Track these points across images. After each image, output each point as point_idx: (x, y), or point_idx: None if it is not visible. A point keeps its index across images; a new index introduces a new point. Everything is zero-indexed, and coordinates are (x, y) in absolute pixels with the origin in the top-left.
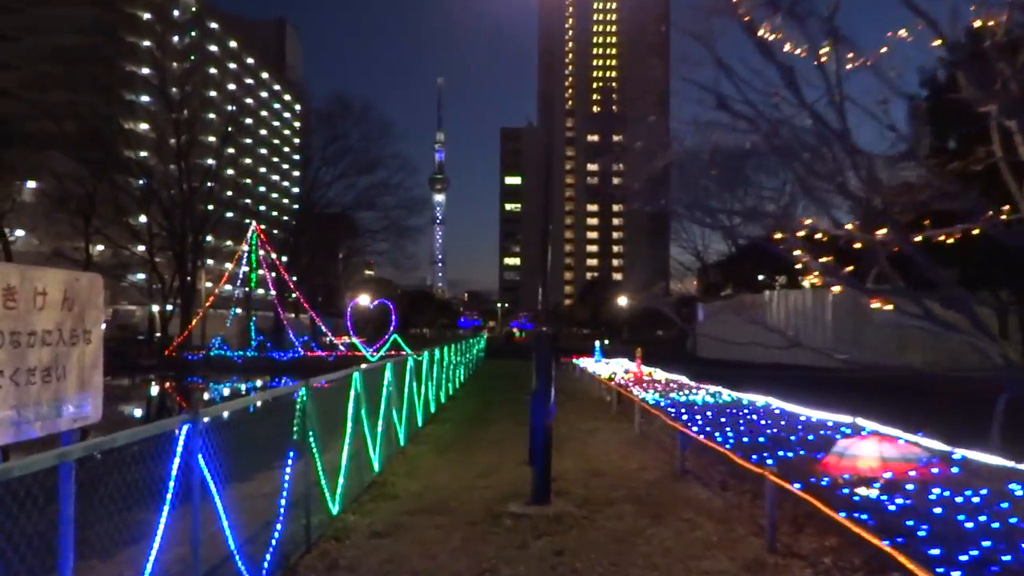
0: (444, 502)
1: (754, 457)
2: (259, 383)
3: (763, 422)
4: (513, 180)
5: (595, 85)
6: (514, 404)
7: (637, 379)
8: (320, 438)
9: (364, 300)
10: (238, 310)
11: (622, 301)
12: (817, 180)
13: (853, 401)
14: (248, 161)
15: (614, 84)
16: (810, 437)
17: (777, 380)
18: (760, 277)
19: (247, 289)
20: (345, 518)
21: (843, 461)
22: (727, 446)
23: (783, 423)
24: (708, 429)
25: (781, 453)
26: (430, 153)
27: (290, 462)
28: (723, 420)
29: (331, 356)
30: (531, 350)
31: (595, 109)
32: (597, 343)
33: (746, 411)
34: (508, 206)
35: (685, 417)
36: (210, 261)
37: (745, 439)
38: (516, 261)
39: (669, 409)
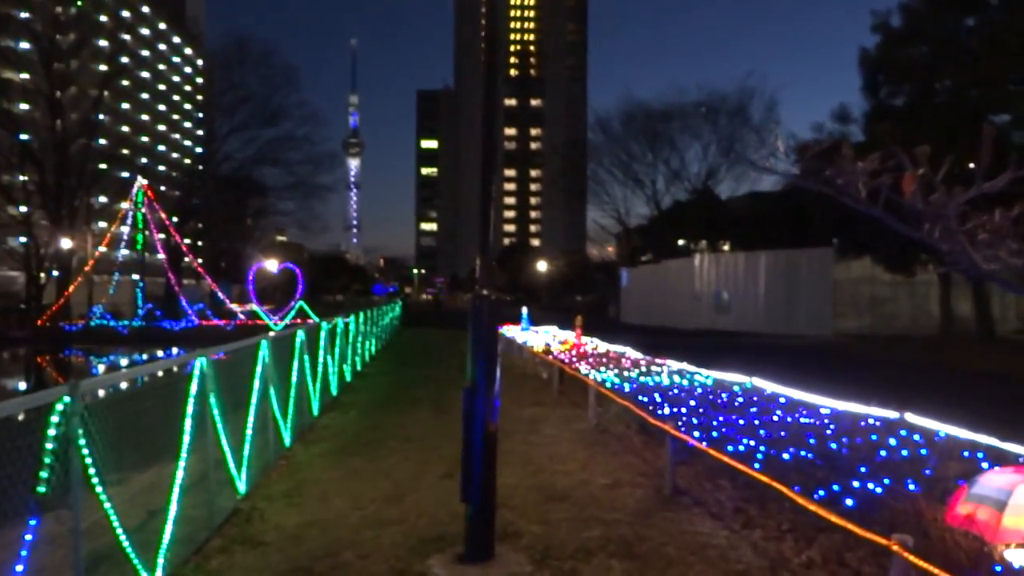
0: (333, 555)
1: (784, 484)
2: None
3: (774, 416)
4: (429, 144)
5: (512, 48)
6: (434, 384)
7: (580, 352)
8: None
9: (272, 266)
10: (119, 275)
11: (541, 266)
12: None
13: (794, 369)
14: (145, 117)
15: (532, 48)
16: (881, 453)
17: (709, 348)
18: (681, 242)
19: (135, 253)
20: None
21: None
22: (755, 465)
23: (798, 417)
24: (703, 427)
25: (851, 484)
26: (344, 117)
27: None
28: (717, 413)
29: (230, 325)
30: (451, 317)
31: (512, 72)
32: (525, 310)
33: (740, 399)
34: (424, 170)
35: (666, 410)
36: (102, 224)
37: (761, 446)
38: (433, 227)
39: (640, 398)
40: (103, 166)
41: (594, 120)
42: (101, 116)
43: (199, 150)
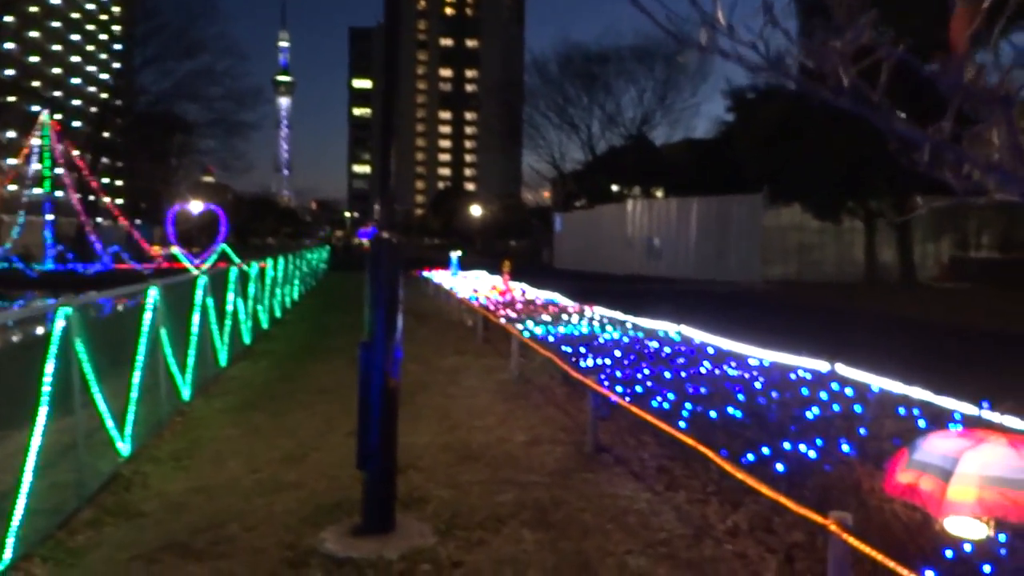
0: (217, 527)
1: (718, 448)
2: None
3: (702, 368)
4: (362, 84)
5: None
6: (354, 332)
7: (507, 299)
8: None
9: (196, 207)
10: (25, 215)
11: (475, 211)
12: None
13: (729, 316)
14: (57, 47)
15: None
16: (811, 411)
17: (640, 294)
18: (615, 188)
19: (43, 192)
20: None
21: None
22: (680, 424)
23: (726, 369)
24: (626, 380)
25: (781, 445)
26: (274, 55)
27: None
28: (644, 364)
29: (148, 269)
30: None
31: (448, 11)
32: (453, 254)
33: (668, 349)
34: (357, 111)
35: (590, 362)
36: (12, 161)
37: (687, 401)
38: (366, 169)
39: (564, 348)
40: (11, 99)
41: (530, 62)
42: (7, 45)
43: (114, 83)
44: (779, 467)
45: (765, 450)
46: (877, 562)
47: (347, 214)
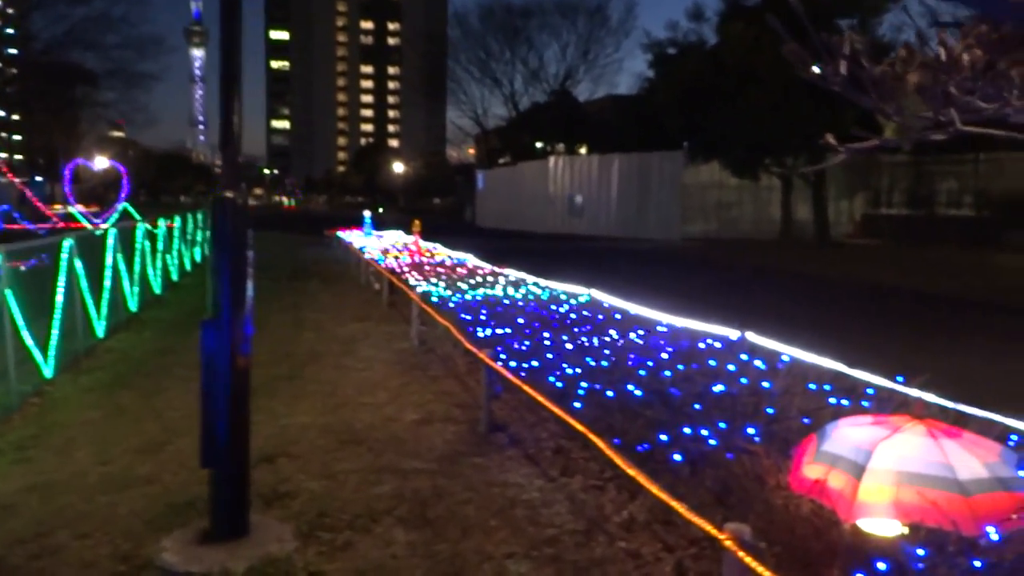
0: (44, 535)
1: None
2: None
3: (607, 336)
4: (280, 35)
5: None
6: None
7: (415, 259)
8: None
9: (101, 163)
10: None
11: (398, 168)
12: None
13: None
14: None
15: None
16: (717, 387)
17: (558, 253)
18: (539, 144)
19: None
20: None
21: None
22: (575, 404)
23: (636, 337)
24: (527, 351)
25: (682, 429)
26: (186, 3)
27: None
28: (547, 333)
29: (42, 229)
30: (300, 221)
31: None
32: (367, 213)
33: (575, 315)
34: (275, 63)
35: (490, 332)
36: None
37: (589, 375)
38: (285, 124)
39: (464, 316)
40: None
41: (453, 15)
42: None
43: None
44: (676, 457)
45: (664, 436)
46: None
47: (265, 171)
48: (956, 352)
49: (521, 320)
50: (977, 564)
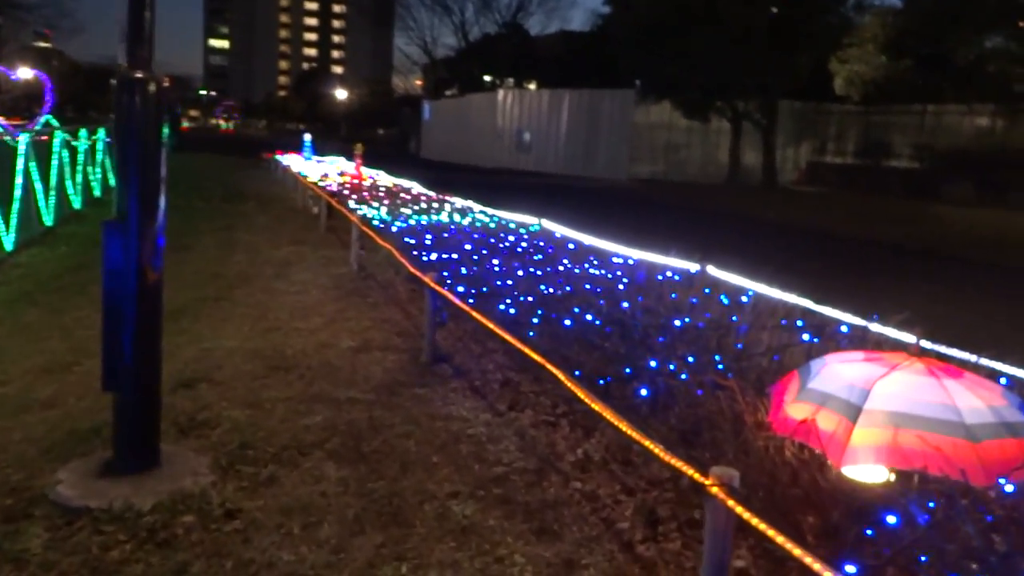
0: None
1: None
2: None
3: (560, 266)
4: None
5: None
6: (183, 214)
7: (356, 186)
8: None
9: (25, 73)
10: None
11: (341, 95)
12: None
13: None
14: None
15: None
16: (679, 320)
17: (505, 187)
18: (488, 78)
19: None
20: None
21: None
22: (530, 333)
23: (588, 268)
24: (475, 277)
25: (648, 362)
26: None
27: None
28: (497, 262)
29: None
30: (238, 144)
31: None
32: (307, 136)
33: (525, 243)
34: None
35: (435, 257)
36: None
37: (542, 303)
38: (224, 44)
39: (407, 240)
40: None
41: None
42: None
43: None
44: (642, 392)
45: (626, 369)
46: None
47: (203, 92)
48: (903, 294)
49: (468, 246)
50: (989, 519)
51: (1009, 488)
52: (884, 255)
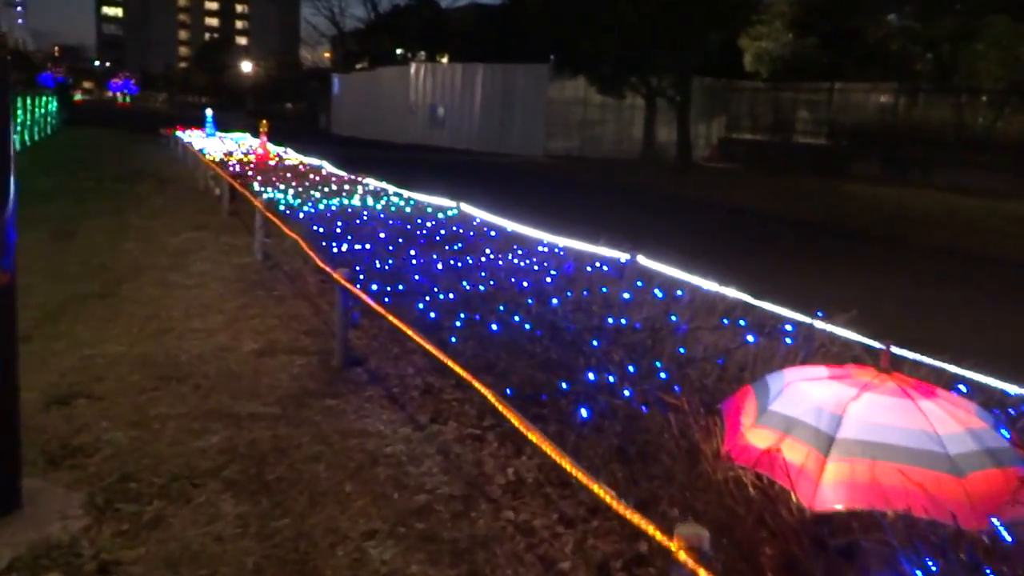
0: None
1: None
2: None
3: (482, 256)
4: None
5: None
6: (72, 196)
7: (261, 164)
8: None
9: None
10: None
11: (246, 67)
12: None
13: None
14: None
15: None
16: (613, 319)
17: (419, 164)
18: (399, 51)
19: None
20: None
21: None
22: (451, 339)
23: (512, 257)
24: (393, 271)
25: (584, 372)
26: None
27: None
28: (414, 252)
29: None
30: (136, 118)
31: None
32: (209, 112)
33: (445, 231)
34: None
35: (346, 248)
36: None
37: (464, 301)
38: (118, 12)
39: (316, 228)
40: None
41: None
42: None
43: None
44: (582, 412)
45: (562, 383)
46: None
47: (96, 62)
48: (826, 278)
49: (383, 235)
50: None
51: (1007, 536)
52: (801, 233)
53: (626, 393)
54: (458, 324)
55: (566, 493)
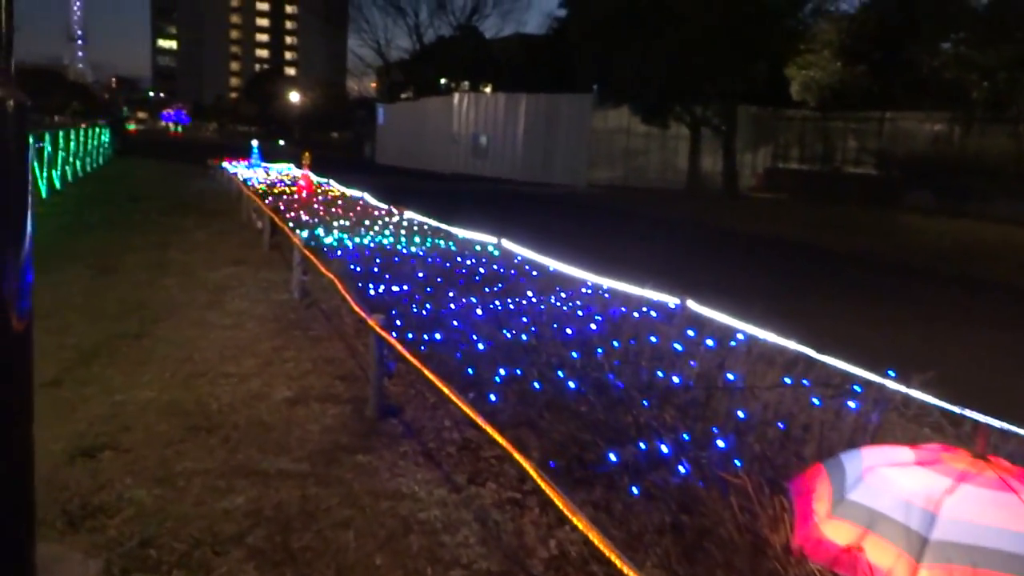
0: None
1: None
2: None
3: (523, 299)
4: None
5: None
6: (120, 230)
7: (303, 196)
8: None
9: None
10: None
11: (294, 97)
12: None
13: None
14: None
15: None
16: (664, 372)
17: (462, 195)
18: (443, 81)
19: None
20: None
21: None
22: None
23: (554, 300)
24: (432, 316)
25: (636, 440)
26: None
27: None
28: (453, 294)
29: None
30: (186, 149)
31: None
32: (254, 142)
33: (485, 270)
34: None
35: (383, 288)
36: None
37: (504, 350)
38: (172, 44)
39: (355, 268)
40: None
41: None
42: None
43: None
44: (633, 489)
45: (611, 455)
46: None
47: (151, 93)
48: (889, 321)
49: (421, 274)
50: None
51: None
52: (857, 269)
53: (681, 469)
54: (498, 380)
55: (613, 571)
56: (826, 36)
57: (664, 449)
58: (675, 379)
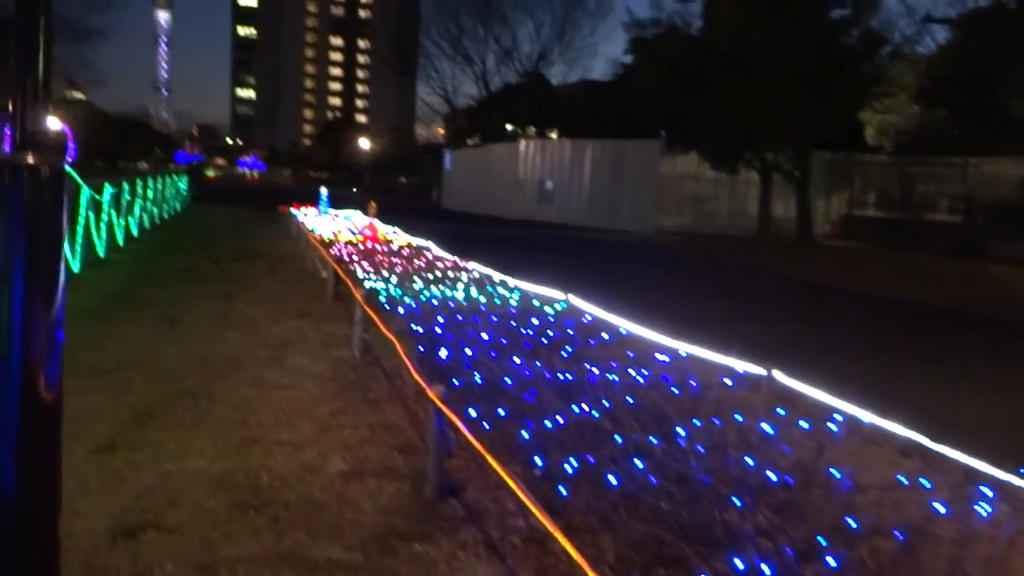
0: None
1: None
2: None
3: (595, 366)
4: (248, 1)
5: None
6: (188, 278)
7: (368, 245)
8: None
9: (56, 124)
10: None
11: (364, 144)
12: None
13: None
14: None
15: None
16: (755, 460)
17: (528, 243)
18: (509, 127)
19: None
20: None
21: None
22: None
23: (631, 368)
24: (496, 387)
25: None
26: None
27: None
28: (518, 361)
29: None
30: (261, 194)
31: None
32: (323, 189)
33: (552, 331)
34: (241, 30)
35: (446, 352)
36: None
37: (575, 429)
38: (250, 94)
39: (416, 328)
40: None
41: None
42: None
43: None
44: None
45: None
46: None
47: (229, 140)
48: (1000, 393)
49: (486, 336)
50: None
51: None
52: (955, 328)
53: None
54: (570, 472)
55: None
56: (903, 79)
57: (764, 570)
58: (770, 476)
